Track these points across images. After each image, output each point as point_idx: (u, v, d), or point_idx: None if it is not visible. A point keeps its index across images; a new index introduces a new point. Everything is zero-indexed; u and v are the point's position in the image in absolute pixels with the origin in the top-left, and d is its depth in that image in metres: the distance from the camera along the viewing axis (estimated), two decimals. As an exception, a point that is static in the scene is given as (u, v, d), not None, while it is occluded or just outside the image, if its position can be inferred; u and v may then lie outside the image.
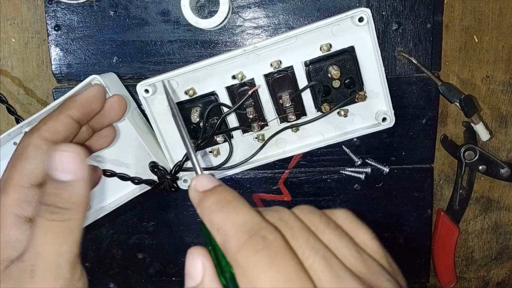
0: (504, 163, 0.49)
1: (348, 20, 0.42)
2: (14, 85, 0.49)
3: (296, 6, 0.45)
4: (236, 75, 0.44)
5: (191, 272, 0.25)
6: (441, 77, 0.48)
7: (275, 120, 0.46)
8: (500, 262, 0.55)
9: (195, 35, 0.46)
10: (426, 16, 0.45)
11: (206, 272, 0.25)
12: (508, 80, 0.49)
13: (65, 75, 0.47)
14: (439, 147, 0.50)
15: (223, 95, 0.45)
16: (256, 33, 0.46)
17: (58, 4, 0.45)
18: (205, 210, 0.25)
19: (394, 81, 0.46)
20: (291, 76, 0.44)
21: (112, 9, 0.46)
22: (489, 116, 0.50)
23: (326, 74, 0.44)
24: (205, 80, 0.44)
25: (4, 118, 0.50)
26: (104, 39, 0.46)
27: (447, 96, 0.47)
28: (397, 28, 0.45)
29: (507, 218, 0.53)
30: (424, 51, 0.46)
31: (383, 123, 0.45)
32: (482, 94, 0.49)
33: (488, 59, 0.48)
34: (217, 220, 0.24)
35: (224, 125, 0.46)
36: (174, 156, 0.47)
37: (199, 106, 0.45)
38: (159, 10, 0.45)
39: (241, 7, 0.45)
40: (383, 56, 0.45)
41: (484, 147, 0.50)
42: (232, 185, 0.49)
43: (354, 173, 0.50)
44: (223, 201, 0.25)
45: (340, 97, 0.45)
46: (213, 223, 0.24)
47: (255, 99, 0.45)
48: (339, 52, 0.43)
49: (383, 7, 0.45)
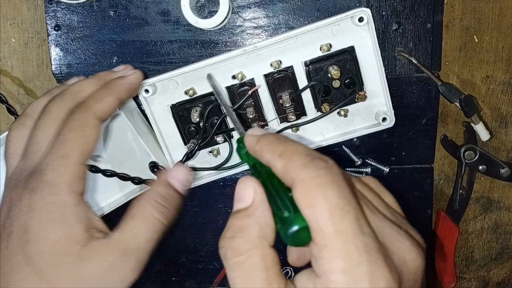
0: (504, 163, 0.49)
1: (348, 20, 0.42)
2: (14, 85, 0.49)
3: (296, 6, 0.45)
4: (236, 75, 0.44)
5: (242, 195, 0.27)
6: (441, 77, 0.48)
7: (275, 120, 0.46)
8: (500, 262, 0.55)
9: (195, 35, 0.46)
10: (426, 16, 0.45)
11: (257, 196, 0.27)
12: (508, 80, 0.49)
13: (65, 75, 0.47)
14: (439, 147, 0.50)
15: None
16: (256, 33, 0.46)
17: (58, 4, 0.45)
18: (265, 144, 0.28)
19: (394, 81, 0.46)
20: (291, 76, 0.44)
21: (112, 9, 0.46)
22: (489, 116, 0.50)
23: (326, 74, 0.44)
24: (205, 80, 0.44)
25: (4, 118, 0.50)
26: (104, 39, 0.46)
27: (447, 96, 0.47)
28: (397, 28, 0.45)
29: (507, 218, 0.53)
30: (424, 51, 0.46)
31: (383, 123, 0.45)
32: (482, 94, 0.49)
33: (488, 59, 0.48)
34: (279, 149, 0.26)
35: (224, 125, 0.46)
36: (174, 156, 0.47)
37: (199, 106, 0.45)
38: (159, 10, 0.45)
39: (241, 7, 0.45)
40: (383, 56, 0.45)
41: (484, 147, 0.50)
42: (232, 185, 0.49)
43: (354, 173, 0.50)
44: (281, 137, 0.28)
45: (340, 97, 0.45)
46: (275, 151, 0.26)
47: (255, 99, 0.45)
48: (339, 52, 0.43)
49: (383, 7, 0.45)
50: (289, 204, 0.25)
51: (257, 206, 0.26)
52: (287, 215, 0.25)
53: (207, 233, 0.51)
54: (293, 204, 0.25)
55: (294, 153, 0.26)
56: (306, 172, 0.24)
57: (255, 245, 0.25)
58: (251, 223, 0.26)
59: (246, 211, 0.26)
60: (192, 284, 0.52)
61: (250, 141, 0.29)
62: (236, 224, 0.26)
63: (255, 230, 0.26)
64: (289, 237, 0.24)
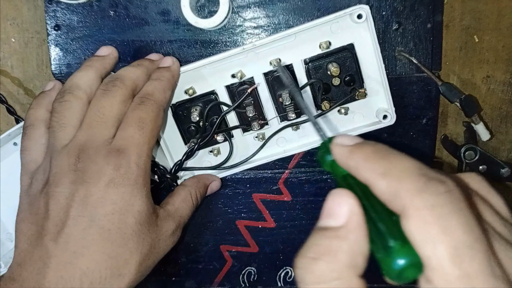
0: (504, 163, 0.49)
1: (347, 17, 0.42)
2: (14, 85, 0.49)
3: (296, 6, 0.45)
4: (236, 74, 0.44)
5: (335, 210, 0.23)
6: (441, 77, 0.48)
7: (276, 119, 0.46)
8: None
9: (195, 35, 0.46)
10: (426, 16, 0.45)
11: (354, 216, 0.22)
12: (508, 80, 0.49)
13: (65, 75, 0.47)
14: (439, 147, 0.50)
15: (223, 94, 0.45)
16: (256, 33, 0.46)
17: (58, 4, 0.45)
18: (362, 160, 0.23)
19: (394, 81, 0.46)
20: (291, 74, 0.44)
21: (112, 9, 0.46)
22: (489, 116, 0.50)
23: (326, 72, 0.44)
24: (205, 79, 0.44)
25: (4, 118, 0.50)
26: (104, 39, 0.46)
27: (448, 96, 0.47)
28: (397, 28, 0.45)
29: (508, 219, 0.53)
30: (424, 51, 0.46)
31: (384, 121, 0.45)
32: (482, 94, 0.49)
33: (488, 59, 0.48)
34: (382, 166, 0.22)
35: (224, 124, 0.46)
36: (174, 155, 0.47)
37: (199, 105, 0.45)
38: (159, 10, 0.45)
39: (241, 7, 0.45)
40: (383, 56, 0.45)
41: (484, 147, 0.50)
42: (232, 185, 0.49)
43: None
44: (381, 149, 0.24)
45: (340, 95, 0.45)
46: (375, 169, 0.22)
47: (255, 97, 0.45)
48: (339, 50, 0.43)
49: (383, 7, 0.45)
50: (397, 232, 0.21)
51: (353, 229, 0.22)
52: (394, 245, 0.21)
53: (207, 233, 0.51)
54: (400, 233, 0.21)
55: (403, 172, 0.22)
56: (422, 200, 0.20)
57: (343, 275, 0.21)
58: (342, 248, 0.22)
59: (338, 232, 0.22)
60: (192, 284, 0.52)
61: (340, 153, 0.25)
62: (323, 244, 0.22)
63: (345, 256, 0.22)
64: (395, 271, 0.21)
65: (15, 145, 0.46)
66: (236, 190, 0.50)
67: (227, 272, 0.52)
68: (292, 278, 0.52)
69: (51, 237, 0.34)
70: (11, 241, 0.47)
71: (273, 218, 0.50)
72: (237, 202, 0.50)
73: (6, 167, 0.46)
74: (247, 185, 0.50)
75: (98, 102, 0.38)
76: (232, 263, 0.51)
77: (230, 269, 0.52)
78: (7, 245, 0.47)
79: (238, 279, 0.52)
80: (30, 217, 0.36)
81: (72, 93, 0.39)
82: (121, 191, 0.35)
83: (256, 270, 0.52)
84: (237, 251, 0.51)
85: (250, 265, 0.52)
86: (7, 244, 0.47)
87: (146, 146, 0.37)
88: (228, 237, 0.51)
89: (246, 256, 0.51)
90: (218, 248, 0.51)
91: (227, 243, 0.51)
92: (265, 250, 0.51)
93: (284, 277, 0.52)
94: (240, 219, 0.50)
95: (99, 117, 0.37)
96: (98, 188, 0.35)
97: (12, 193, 0.45)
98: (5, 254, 0.46)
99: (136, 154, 0.36)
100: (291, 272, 0.51)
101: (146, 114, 0.38)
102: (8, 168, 0.46)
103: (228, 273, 0.52)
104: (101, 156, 0.35)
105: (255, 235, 0.51)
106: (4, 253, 0.46)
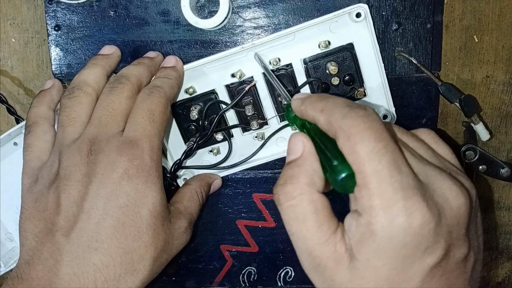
0: (504, 163, 0.49)
1: (346, 16, 0.42)
2: (14, 85, 0.49)
3: (296, 6, 0.45)
4: (235, 73, 0.44)
5: (293, 148, 0.30)
6: (441, 77, 0.48)
7: (276, 119, 0.46)
8: (500, 262, 0.55)
9: (195, 35, 0.46)
10: (426, 16, 0.45)
11: (306, 148, 0.30)
12: (508, 80, 0.49)
13: (65, 75, 0.47)
14: (439, 147, 0.50)
15: (223, 93, 0.45)
16: (256, 33, 0.46)
17: (58, 4, 0.45)
18: (309, 104, 0.31)
19: (394, 81, 0.46)
20: (290, 73, 0.44)
21: (112, 9, 0.46)
22: (489, 116, 0.50)
23: (325, 71, 0.44)
24: (205, 78, 0.44)
25: (4, 118, 0.50)
26: (104, 39, 0.46)
27: (447, 96, 0.47)
28: (397, 28, 0.45)
29: (507, 218, 0.53)
30: (424, 51, 0.46)
31: (384, 121, 0.45)
32: (482, 94, 0.49)
33: (488, 59, 0.48)
34: (320, 105, 0.29)
35: (224, 123, 0.46)
36: (174, 155, 0.47)
37: (199, 104, 0.45)
38: (159, 10, 0.45)
39: (241, 7, 0.45)
40: (383, 56, 0.45)
41: (484, 147, 0.50)
42: (232, 185, 0.49)
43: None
44: (322, 95, 0.31)
45: (340, 94, 0.45)
46: (317, 107, 0.29)
47: (254, 96, 0.45)
48: (338, 49, 0.43)
49: (383, 7, 0.45)
50: (337, 154, 0.27)
51: (307, 157, 0.29)
52: (336, 163, 0.27)
53: (207, 233, 0.51)
54: (340, 154, 0.27)
55: (334, 106, 0.28)
56: (346, 122, 0.27)
57: (304, 190, 0.28)
58: (301, 172, 0.29)
59: (297, 162, 0.29)
60: (192, 284, 0.52)
61: (296, 104, 0.32)
62: (288, 173, 0.29)
63: (304, 177, 0.29)
64: (338, 183, 0.27)
65: (15, 145, 0.46)
66: (236, 190, 0.50)
67: (227, 272, 0.52)
68: (292, 278, 0.52)
69: (62, 232, 0.34)
70: (11, 241, 0.47)
71: (273, 218, 0.50)
72: (237, 202, 0.50)
73: (6, 167, 0.46)
74: (247, 185, 0.50)
75: (107, 98, 0.38)
76: (232, 263, 0.51)
77: (230, 269, 0.52)
78: (7, 245, 0.47)
79: (238, 279, 0.52)
80: (36, 214, 0.35)
81: (81, 89, 0.39)
82: (135, 183, 0.35)
83: (256, 270, 0.52)
84: (237, 251, 0.51)
85: (250, 265, 0.52)
86: (7, 244, 0.47)
87: (157, 138, 0.37)
88: (228, 237, 0.51)
89: (246, 256, 0.51)
90: (218, 248, 0.51)
91: (227, 243, 0.51)
92: (265, 250, 0.51)
93: (284, 276, 0.52)
94: (240, 219, 0.50)
95: (108, 111, 0.37)
96: (111, 180, 0.34)
97: (12, 193, 0.45)
98: (5, 254, 0.46)
99: (149, 145, 0.36)
100: (291, 272, 0.52)
101: (155, 106, 0.38)
102: (8, 168, 0.46)
103: (228, 273, 0.52)
104: (113, 148, 0.35)
105: (255, 235, 0.51)
106: (4, 253, 0.46)
